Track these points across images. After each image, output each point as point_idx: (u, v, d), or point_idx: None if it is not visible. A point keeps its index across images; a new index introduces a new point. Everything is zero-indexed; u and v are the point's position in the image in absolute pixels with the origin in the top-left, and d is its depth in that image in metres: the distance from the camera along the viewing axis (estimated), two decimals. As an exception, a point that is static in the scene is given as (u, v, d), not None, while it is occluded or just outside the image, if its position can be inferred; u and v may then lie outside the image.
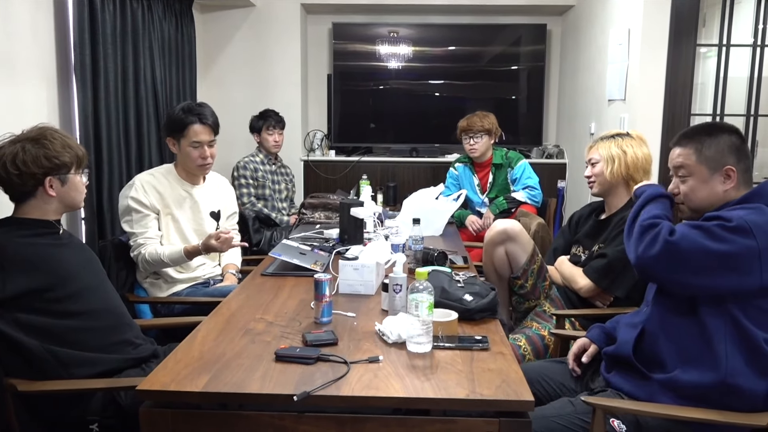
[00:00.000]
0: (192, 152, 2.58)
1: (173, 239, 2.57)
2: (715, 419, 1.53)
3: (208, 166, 2.64)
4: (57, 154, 1.75)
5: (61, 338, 1.71)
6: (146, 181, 2.55)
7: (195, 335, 1.68)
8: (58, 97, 2.80)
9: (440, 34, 5.15)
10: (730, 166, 1.63)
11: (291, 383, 1.39)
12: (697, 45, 3.47)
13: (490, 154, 3.81)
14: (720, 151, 1.64)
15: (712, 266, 1.51)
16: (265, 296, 2.06)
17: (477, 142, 3.72)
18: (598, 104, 4.17)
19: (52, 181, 1.76)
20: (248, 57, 4.85)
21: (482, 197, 3.84)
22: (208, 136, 2.59)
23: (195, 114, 2.57)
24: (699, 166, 1.66)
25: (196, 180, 2.69)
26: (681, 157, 1.70)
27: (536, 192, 3.69)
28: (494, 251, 2.46)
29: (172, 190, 2.59)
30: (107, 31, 3.03)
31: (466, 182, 3.88)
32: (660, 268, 1.57)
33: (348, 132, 5.22)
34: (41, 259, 1.71)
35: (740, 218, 1.52)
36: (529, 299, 2.44)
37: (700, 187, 1.67)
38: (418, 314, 1.55)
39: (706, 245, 1.51)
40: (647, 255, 1.57)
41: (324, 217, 3.56)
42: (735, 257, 1.50)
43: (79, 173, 1.84)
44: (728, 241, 1.50)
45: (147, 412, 1.37)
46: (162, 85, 3.66)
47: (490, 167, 3.81)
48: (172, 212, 2.57)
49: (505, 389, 1.38)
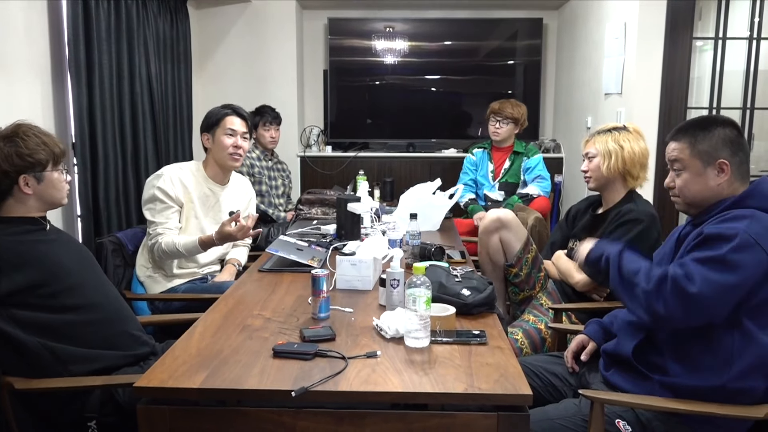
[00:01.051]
0: (225, 140, 2.65)
1: (191, 233, 2.59)
2: (714, 412, 1.53)
3: (238, 157, 2.69)
4: (30, 152, 1.72)
5: (58, 333, 1.70)
6: (174, 173, 2.59)
7: (192, 332, 1.68)
8: (53, 94, 2.79)
9: (436, 28, 5.15)
10: (724, 159, 1.62)
11: (289, 379, 1.39)
12: (693, 38, 3.47)
13: (512, 142, 3.95)
14: (713, 145, 1.64)
15: (735, 298, 1.50)
16: (262, 292, 2.06)
17: (502, 127, 3.87)
18: (594, 98, 4.17)
19: (27, 179, 1.73)
20: (244, 53, 4.83)
21: (493, 183, 3.93)
22: (243, 127, 2.70)
23: (232, 108, 2.70)
24: (693, 159, 1.66)
25: (222, 180, 2.74)
26: (675, 151, 1.69)
27: (546, 183, 3.82)
28: (489, 239, 2.51)
29: (198, 186, 2.65)
30: (101, 28, 3.01)
31: (481, 167, 3.99)
32: (686, 320, 1.54)
33: (344, 127, 5.21)
34: (31, 256, 1.70)
35: (743, 233, 1.50)
36: (523, 289, 2.46)
37: (694, 181, 1.66)
38: (415, 309, 1.54)
39: (726, 281, 1.48)
40: (673, 313, 1.52)
41: (321, 212, 3.55)
42: (752, 277, 1.49)
43: (57, 170, 1.80)
44: (741, 265, 1.48)
45: (145, 409, 1.36)
46: (157, 82, 3.64)
47: (509, 154, 3.93)
48: (195, 208, 2.61)
49: (503, 383, 1.38)
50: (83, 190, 2.88)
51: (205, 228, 2.63)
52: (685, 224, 1.76)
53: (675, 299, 1.51)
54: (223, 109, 2.70)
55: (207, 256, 2.67)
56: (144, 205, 2.57)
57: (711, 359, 1.55)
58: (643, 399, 1.58)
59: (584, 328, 1.95)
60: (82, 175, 2.88)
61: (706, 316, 1.52)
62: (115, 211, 3.12)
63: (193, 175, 2.66)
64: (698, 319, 1.53)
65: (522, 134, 5.14)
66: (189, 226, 2.61)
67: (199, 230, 2.62)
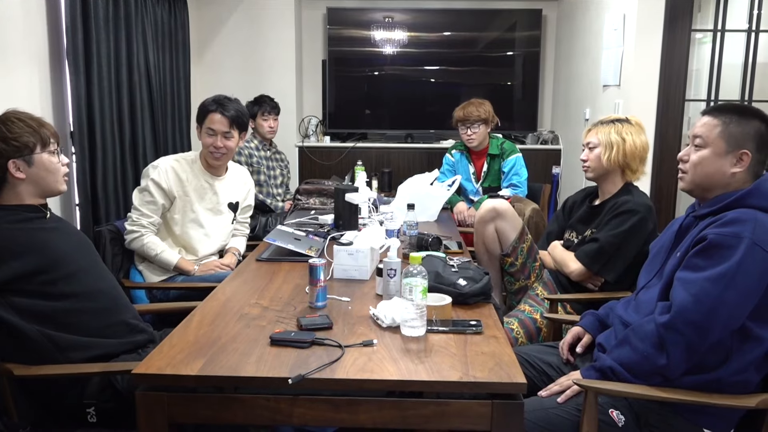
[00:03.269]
0: (206, 139, 2.65)
1: (186, 226, 2.62)
2: (707, 401, 1.55)
3: (218, 156, 2.66)
4: (15, 136, 1.72)
5: (56, 321, 1.71)
6: (170, 165, 2.61)
7: (190, 320, 1.69)
8: (51, 83, 2.78)
9: (435, 19, 5.13)
10: (747, 150, 1.60)
11: (286, 366, 1.40)
12: (691, 30, 3.47)
13: (487, 143, 3.81)
14: (744, 133, 1.61)
15: (751, 304, 1.51)
16: (260, 281, 2.07)
17: (474, 132, 3.71)
18: (593, 90, 4.17)
19: (17, 164, 1.73)
20: (242, 42, 4.82)
21: (476, 186, 3.84)
22: (224, 127, 2.63)
23: (219, 104, 2.65)
24: (719, 139, 1.62)
25: (217, 172, 2.73)
26: (704, 127, 1.65)
27: (519, 190, 3.71)
28: (485, 229, 2.53)
29: (194, 178, 2.65)
30: (99, 16, 3.00)
31: (461, 170, 3.88)
32: (707, 338, 1.53)
33: (343, 118, 5.21)
34: (31, 243, 1.71)
35: (748, 239, 1.50)
36: (519, 278, 2.48)
37: (711, 160, 1.63)
38: (412, 298, 1.56)
39: (737, 294, 1.49)
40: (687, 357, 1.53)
41: (319, 203, 3.56)
42: (761, 282, 1.50)
43: (48, 152, 1.78)
44: (749, 275, 1.49)
45: (143, 395, 1.38)
46: (155, 71, 3.64)
47: (486, 157, 3.81)
48: (191, 200, 2.62)
49: (497, 372, 1.39)
50: (81, 178, 2.88)
51: (202, 220, 2.65)
52: (686, 215, 1.75)
53: (677, 343, 1.52)
54: (211, 103, 2.66)
55: (207, 248, 2.68)
56: (137, 189, 2.60)
57: (709, 357, 1.55)
58: (636, 388, 1.59)
59: (580, 320, 1.96)
60: (81, 164, 2.88)
61: (726, 328, 1.52)
62: (113, 200, 3.13)
63: (190, 166, 2.66)
64: (719, 330, 1.52)
65: (519, 126, 5.19)
66: (185, 219, 2.62)
67: (195, 222, 2.64)
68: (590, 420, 1.56)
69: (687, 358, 1.53)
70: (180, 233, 2.62)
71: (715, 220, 1.59)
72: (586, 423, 1.56)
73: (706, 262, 1.54)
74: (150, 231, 2.55)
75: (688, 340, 1.51)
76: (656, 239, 1.88)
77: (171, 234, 2.64)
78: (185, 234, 2.63)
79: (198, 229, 2.65)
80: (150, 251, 2.52)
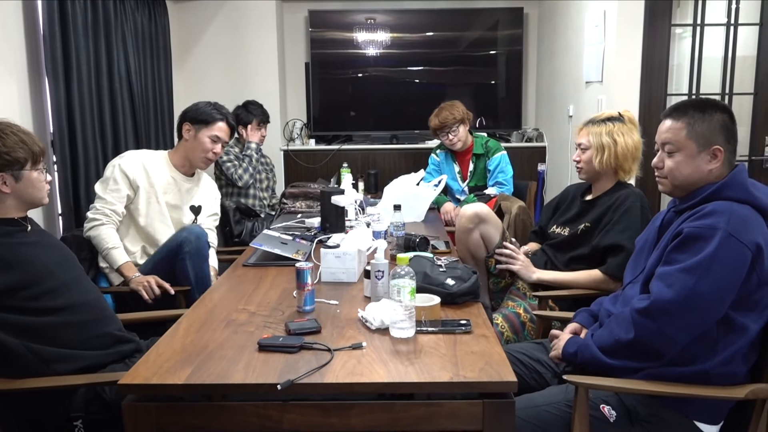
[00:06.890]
0: (207, 143, 2.71)
1: (152, 218, 2.63)
2: (697, 393, 1.55)
3: (211, 161, 2.77)
4: (8, 150, 1.70)
5: (40, 335, 1.68)
6: (138, 156, 2.66)
7: (177, 328, 1.67)
8: (30, 92, 2.75)
9: (417, 19, 5.13)
10: (719, 146, 1.61)
11: (275, 372, 1.39)
12: (671, 25, 3.49)
13: (471, 141, 3.81)
14: (711, 130, 1.61)
15: (730, 297, 1.52)
16: (247, 287, 2.05)
17: (455, 135, 3.71)
18: (575, 86, 4.19)
19: (5, 178, 1.71)
20: (224, 47, 4.79)
21: (463, 185, 3.84)
22: (227, 137, 2.79)
23: (223, 114, 2.78)
24: (688, 141, 1.63)
25: (187, 171, 2.77)
26: (670, 132, 1.66)
27: (506, 188, 3.71)
28: (469, 237, 2.50)
29: (161, 172, 2.68)
30: (78, 23, 2.97)
31: (447, 170, 3.88)
32: (683, 329, 1.55)
33: (327, 120, 5.19)
34: (12, 258, 1.68)
35: (723, 231, 1.51)
36: (504, 277, 2.48)
37: (686, 163, 1.64)
38: (400, 300, 1.55)
39: (713, 285, 1.51)
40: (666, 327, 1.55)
41: (305, 206, 3.55)
42: (738, 272, 1.51)
43: (36, 169, 1.78)
44: (725, 265, 1.50)
45: (130, 406, 1.36)
46: (137, 77, 3.60)
47: (471, 156, 3.80)
48: (156, 192, 2.64)
49: (488, 371, 1.39)
50: (63, 188, 2.85)
51: (165, 213, 2.66)
52: (667, 210, 1.76)
53: (645, 322, 1.56)
54: (215, 111, 2.75)
55: None
56: (99, 181, 2.60)
57: (695, 348, 1.56)
58: (627, 383, 1.59)
59: (574, 317, 1.95)
60: (62, 173, 2.85)
61: (704, 319, 1.53)
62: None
63: (157, 161, 2.69)
64: (698, 321, 1.54)
65: (503, 124, 5.20)
66: (150, 210, 2.62)
67: (160, 214, 2.65)
68: (582, 416, 1.56)
69: (657, 342, 1.56)
70: (145, 224, 2.61)
71: (693, 214, 1.60)
72: (577, 419, 1.56)
73: (682, 255, 1.56)
74: (111, 222, 2.53)
75: (661, 327, 1.54)
76: (641, 234, 1.89)
77: (135, 225, 2.62)
78: (150, 226, 2.62)
79: (163, 222, 2.65)
80: (103, 243, 2.50)
